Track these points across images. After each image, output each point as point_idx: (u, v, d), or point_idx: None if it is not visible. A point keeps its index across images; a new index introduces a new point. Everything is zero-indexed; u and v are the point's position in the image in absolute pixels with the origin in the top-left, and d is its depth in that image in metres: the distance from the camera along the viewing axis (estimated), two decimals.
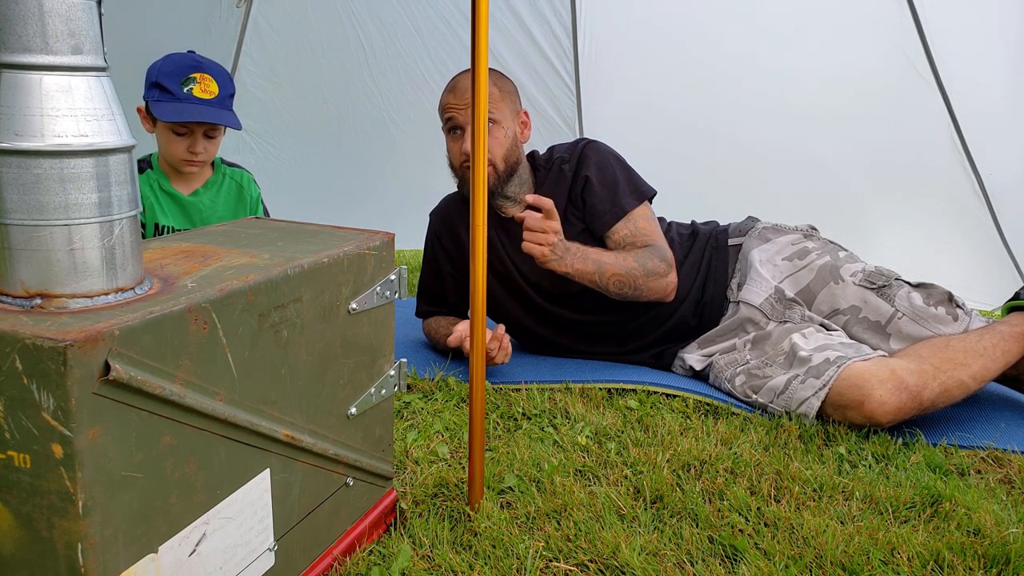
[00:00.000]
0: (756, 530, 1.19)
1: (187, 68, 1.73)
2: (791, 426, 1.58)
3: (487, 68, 1.14)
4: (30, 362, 0.65)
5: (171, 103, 1.70)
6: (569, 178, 1.94)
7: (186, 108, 1.71)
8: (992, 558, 1.12)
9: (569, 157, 1.96)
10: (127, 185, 0.78)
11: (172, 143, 1.77)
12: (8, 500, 0.69)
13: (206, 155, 1.81)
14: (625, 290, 1.83)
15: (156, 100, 1.71)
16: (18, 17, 0.70)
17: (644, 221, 1.91)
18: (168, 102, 1.70)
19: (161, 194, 1.85)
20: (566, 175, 1.94)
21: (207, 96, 1.74)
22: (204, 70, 1.75)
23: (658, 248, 1.87)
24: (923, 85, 2.67)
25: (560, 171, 1.95)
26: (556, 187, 1.95)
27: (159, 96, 1.71)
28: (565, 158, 1.97)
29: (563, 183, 1.94)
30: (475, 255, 1.15)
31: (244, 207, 1.94)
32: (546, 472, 1.35)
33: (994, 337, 1.67)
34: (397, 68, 3.02)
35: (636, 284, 1.82)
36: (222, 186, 1.92)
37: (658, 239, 1.90)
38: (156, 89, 1.71)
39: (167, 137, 1.77)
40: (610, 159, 1.95)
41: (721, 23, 2.83)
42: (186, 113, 1.71)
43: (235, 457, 0.85)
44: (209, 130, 1.78)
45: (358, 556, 1.09)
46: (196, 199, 1.88)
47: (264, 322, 0.86)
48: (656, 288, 1.84)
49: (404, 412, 1.64)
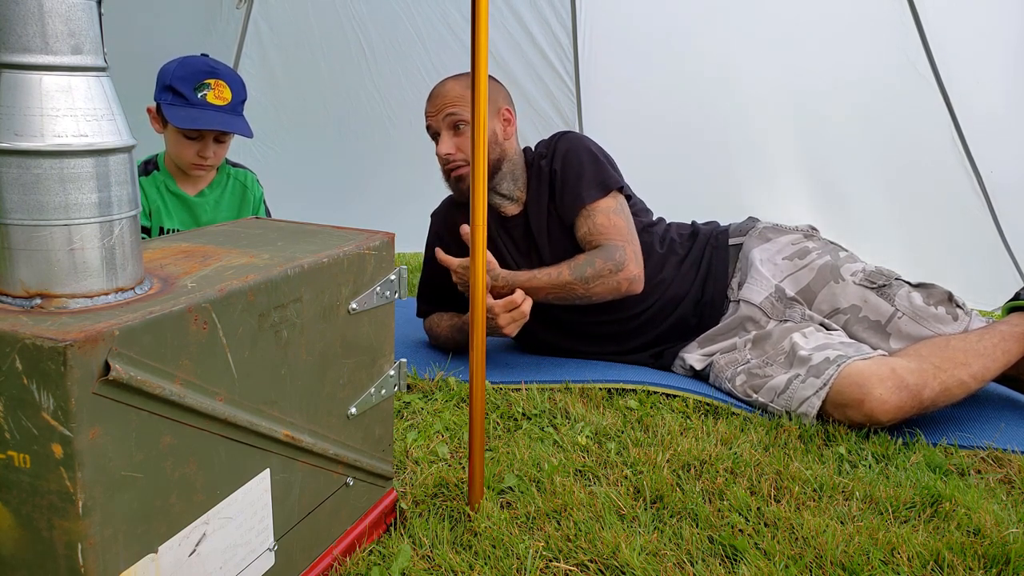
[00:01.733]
0: (756, 530, 1.19)
1: (202, 74, 1.73)
2: (791, 426, 1.58)
3: (487, 68, 1.14)
4: (30, 362, 0.65)
5: (184, 108, 1.70)
6: (547, 174, 1.96)
7: (200, 115, 1.71)
8: (992, 558, 1.12)
9: (546, 152, 1.98)
10: (127, 185, 0.78)
11: (182, 147, 1.77)
12: (8, 500, 0.69)
13: (215, 160, 1.82)
14: (571, 301, 1.85)
15: (169, 104, 1.71)
16: (18, 17, 0.70)
17: (603, 216, 1.88)
18: (181, 107, 1.70)
19: (168, 195, 1.86)
20: (544, 170, 1.96)
21: (220, 103, 1.74)
22: (219, 76, 1.76)
23: (606, 248, 1.84)
24: (924, 85, 2.67)
25: (539, 167, 1.98)
26: (539, 184, 1.96)
27: (172, 100, 1.71)
28: (543, 153, 1.99)
29: (543, 181, 1.96)
30: (475, 255, 1.16)
31: (247, 207, 1.95)
32: (546, 472, 1.35)
33: (994, 337, 1.67)
34: (397, 70, 3.03)
35: (577, 293, 1.82)
36: (226, 186, 1.93)
37: (615, 235, 1.86)
38: (169, 92, 1.71)
39: (177, 141, 1.77)
40: (580, 150, 1.94)
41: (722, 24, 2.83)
42: (199, 120, 1.71)
43: (235, 457, 0.85)
44: (219, 135, 1.79)
45: (358, 556, 1.09)
46: (202, 199, 1.89)
47: (264, 322, 0.86)
48: (607, 289, 1.83)
49: (404, 412, 1.64)
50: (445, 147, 1.87)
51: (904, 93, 2.71)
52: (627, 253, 1.84)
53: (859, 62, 2.75)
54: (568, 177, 1.91)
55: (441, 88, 1.90)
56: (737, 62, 2.83)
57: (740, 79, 2.85)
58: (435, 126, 1.90)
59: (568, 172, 1.92)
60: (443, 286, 2.12)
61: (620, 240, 1.85)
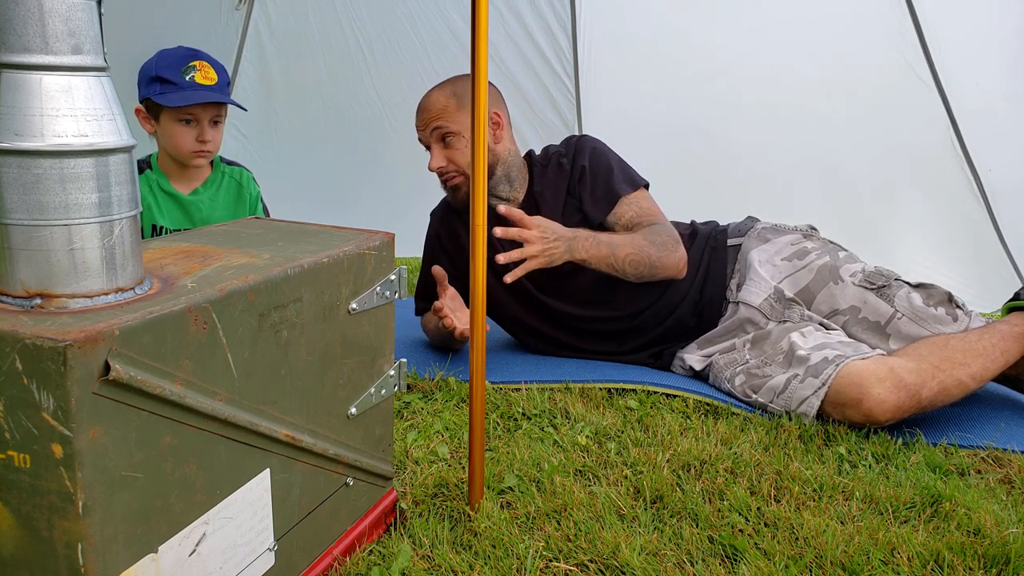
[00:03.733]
0: (756, 530, 1.19)
1: (185, 57, 1.75)
2: (791, 426, 1.58)
3: (487, 70, 1.14)
4: (30, 362, 0.65)
5: (176, 92, 1.71)
6: (568, 170, 1.97)
7: (193, 93, 1.72)
8: (992, 558, 1.12)
9: (566, 151, 2.01)
10: (127, 185, 0.78)
11: (180, 135, 1.77)
12: (8, 500, 0.69)
13: (213, 145, 1.82)
14: (641, 269, 1.84)
15: (159, 93, 1.71)
16: (18, 17, 0.70)
17: (647, 202, 1.95)
18: (173, 92, 1.71)
19: (161, 194, 1.85)
20: (564, 167, 1.98)
21: (208, 82, 1.75)
22: (201, 57, 1.77)
23: (664, 225, 1.90)
24: (922, 87, 2.67)
25: (559, 164, 1.99)
26: (555, 180, 1.98)
27: (161, 89, 1.71)
28: (562, 152, 2.01)
29: (562, 176, 1.98)
30: (475, 255, 1.16)
31: (244, 205, 1.94)
32: (546, 472, 1.35)
33: (993, 337, 1.67)
34: (397, 71, 3.03)
35: (651, 261, 1.83)
36: (221, 184, 1.92)
37: (662, 218, 1.93)
38: (156, 83, 1.71)
39: (174, 131, 1.76)
40: (604, 149, 1.99)
41: (720, 25, 2.83)
42: (195, 97, 1.72)
43: (235, 457, 0.85)
44: (215, 116, 1.79)
45: (358, 556, 1.09)
46: (196, 198, 1.88)
47: (264, 322, 0.86)
48: (669, 263, 1.86)
49: (404, 412, 1.64)
50: (436, 162, 1.91)
51: (903, 95, 2.71)
52: (677, 234, 1.91)
53: (858, 63, 2.75)
54: (599, 171, 1.95)
55: (426, 101, 1.92)
56: (736, 63, 2.84)
57: (739, 80, 2.85)
58: (425, 140, 1.93)
59: (599, 167, 1.95)
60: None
61: (666, 222, 1.93)
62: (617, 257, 1.82)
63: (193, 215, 1.88)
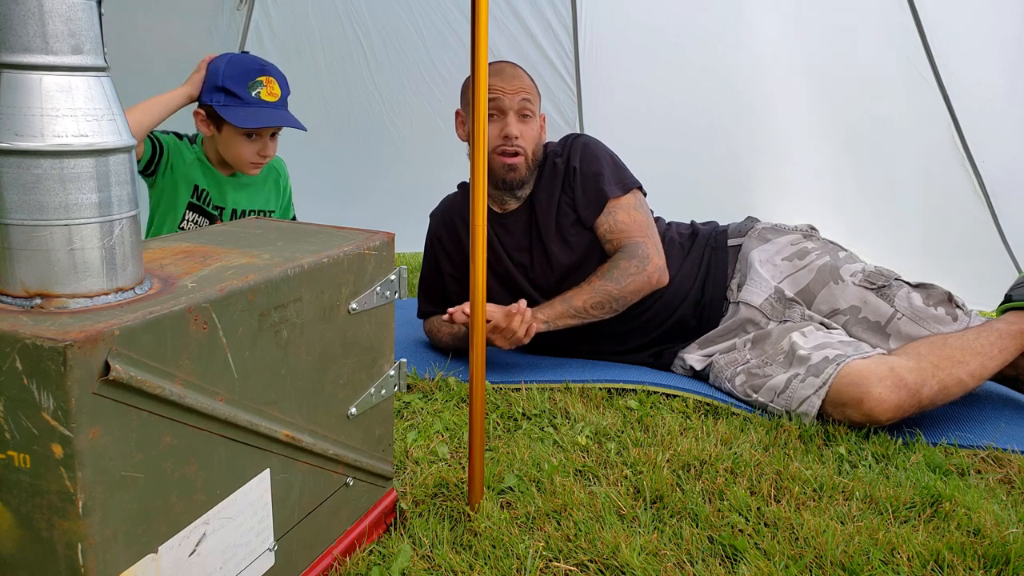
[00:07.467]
0: (756, 530, 1.19)
1: (253, 72, 1.74)
2: (791, 426, 1.58)
3: (487, 69, 1.14)
4: (30, 362, 0.65)
5: (242, 108, 1.71)
6: (561, 170, 1.98)
7: (260, 113, 1.72)
8: (992, 558, 1.12)
9: (561, 151, 2.01)
10: (127, 185, 0.78)
11: (242, 147, 1.78)
12: (8, 500, 0.69)
13: (272, 156, 1.85)
14: (608, 306, 1.86)
15: (223, 105, 1.71)
16: (18, 17, 0.70)
17: (624, 213, 1.92)
18: (238, 107, 1.71)
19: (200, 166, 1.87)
20: (559, 168, 1.98)
21: (272, 99, 1.76)
22: (269, 73, 1.77)
23: (627, 248, 1.88)
24: (923, 85, 2.66)
25: (553, 165, 1.99)
26: (551, 181, 1.98)
27: (226, 101, 1.71)
28: (558, 152, 2.01)
29: (556, 176, 1.98)
30: (475, 255, 1.16)
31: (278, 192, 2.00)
32: (546, 472, 1.35)
33: (991, 335, 1.67)
34: (398, 70, 3.02)
35: (613, 296, 1.84)
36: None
37: (635, 232, 1.91)
38: (221, 93, 1.71)
39: (236, 142, 1.78)
40: (598, 150, 1.98)
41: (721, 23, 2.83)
42: (263, 118, 1.72)
43: (235, 457, 0.85)
44: (275, 130, 1.81)
45: (358, 556, 1.09)
46: (234, 179, 1.91)
47: (264, 322, 0.86)
48: (639, 285, 1.86)
49: (404, 412, 1.65)
50: (516, 128, 1.88)
51: (904, 93, 2.71)
52: (648, 247, 1.88)
53: (859, 62, 2.75)
54: (589, 173, 1.95)
55: (515, 71, 1.92)
56: (737, 61, 2.83)
57: (740, 79, 2.85)
58: (507, 103, 1.88)
59: (588, 169, 1.95)
60: (443, 287, 2.12)
61: (640, 236, 1.90)
62: (576, 307, 1.84)
63: (225, 193, 1.90)
